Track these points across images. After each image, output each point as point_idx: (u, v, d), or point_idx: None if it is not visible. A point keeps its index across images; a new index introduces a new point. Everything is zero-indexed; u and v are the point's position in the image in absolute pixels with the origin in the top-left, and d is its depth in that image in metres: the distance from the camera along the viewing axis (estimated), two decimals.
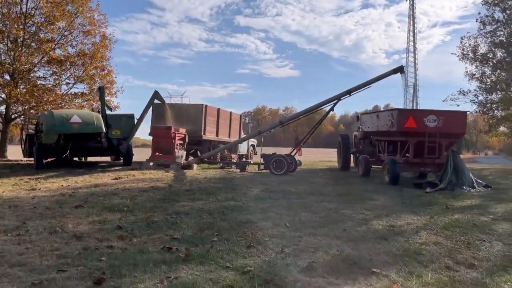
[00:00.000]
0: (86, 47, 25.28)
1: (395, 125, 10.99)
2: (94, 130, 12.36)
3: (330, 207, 7.03)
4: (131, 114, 14.47)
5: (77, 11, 24.53)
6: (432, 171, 11.48)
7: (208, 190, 8.59)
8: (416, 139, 10.98)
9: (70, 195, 7.70)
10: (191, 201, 7.30)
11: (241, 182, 10.10)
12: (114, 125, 13.87)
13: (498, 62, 30.27)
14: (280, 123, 13.66)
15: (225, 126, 18.62)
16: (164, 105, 15.41)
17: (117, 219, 5.89)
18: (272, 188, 9.10)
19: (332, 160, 28.04)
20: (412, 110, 11.76)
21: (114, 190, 8.36)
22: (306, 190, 9.03)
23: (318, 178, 11.91)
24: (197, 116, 16.32)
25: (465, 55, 31.36)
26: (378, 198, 8.20)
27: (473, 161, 39.37)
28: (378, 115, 12.42)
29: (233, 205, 7.05)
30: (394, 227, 5.80)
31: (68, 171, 11.97)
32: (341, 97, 13.26)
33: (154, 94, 14.76)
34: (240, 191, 8.61)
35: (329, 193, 8.70)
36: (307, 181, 10.91)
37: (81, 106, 25.36)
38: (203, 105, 16.49)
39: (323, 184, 10.37)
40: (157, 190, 8.46)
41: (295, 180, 11.18)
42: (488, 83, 31.43)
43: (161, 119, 16.25)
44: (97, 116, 12.78)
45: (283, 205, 7.16)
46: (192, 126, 15.94)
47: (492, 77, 31.32)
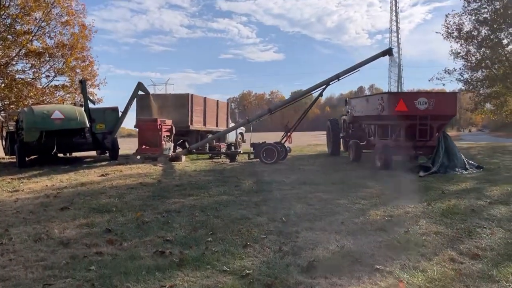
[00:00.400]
0: (65, 38, 24.57)
1: (385, 109, 10.87)
2: (77, 126, 11.97)
3: (325, 198, 6.89)
4: (115, 107, 14.07)
5: (54, 1, 23.76)
6: (424, 153, 11.43)
7: (199, 184, 8.38)
8: (408, 122, 10.89)
9: (55, 196, 7.41)
10: (182, 197, 7.08)
11: (232, 174, 9.90)
12: (98, 119, 13.46)
13: (483, 39, 30.36)
14: (269, 111, 13.43)
15: (212, 115, 18.32)
16: (149, 97, 15.03)
17: (106, 221, 5.65)
18: (264, 179, 8.92)
19: (320, 144, 28.02)
20: (402, 93, 11.65)
21: (101, 188, 8.09)
22: (299, 179, 8.88)
23: (309, 166, 11.77)
24: (183, 106, 15.97)
25: (450, 33, 31.39)
26: (372, 186, 8.08)
27: (459, 138, 39.84)
28: (367, 99, 12.29)
29: (226, 200, 6.86)
30: (392, 216, 5.68)
31: (52, 169, 11.60)
32: (330, 82, 13.05)
33: (137, 85, 14.37)
34: (232, 183, 8.42)
35: (322, 182, 8.56)
36: (299, 170, 10.76)
37: (62, 99, 24.74)
38: (189, 94, 16.14)
39: (315, 172, 10.23)
40: (146, 186, 8.21)
41: (287, 169, 11.02)
42: (473, 61, 31.58)
43: (146, 110, 15.86)
44: (80, 111, 12.37)
45: (277, 197, 7.00)
46: (178, 116, 15.60)
47: (476, 55, 31.46)
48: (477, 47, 31.03)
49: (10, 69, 23.23)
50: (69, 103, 21.98)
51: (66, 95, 25.66)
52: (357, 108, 13.22)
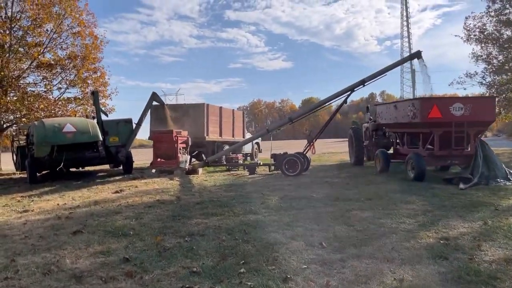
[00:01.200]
0: (77, 49, 24.46)
1: (417, 115, 10.18)
2: (90, 139, 11.52)
3: (365, 217, 6.23)
4: (129, 119, 13.63)
5: (65, 12, 23.68)
6: (460, 163, 10.69)
7: (221, 201, 7.78)
8: (442, 130, 10.18)
9: (66, 217, 6.88)
10: (204, 217, 6.49)
11: (255, 189, 9.29)
12: (111, 132, 13.02)
13: (505, 41, 29.47)
14: (290, 120, 12.83)
15: (228, 125, 17.80)
16: (163, 107, 14.57)
17: (123, 247, 5.08)
18: (291, 194, 8.29)
19: (335, 152, 27.31)
20: (436, 99, 10.95)
21: (116, 207, 7.55)
22: (329, 194, 8.23)
23: (335, 178, 11.10)
24: (198, 116, 15.49)
25: (470, 36, 30.56)
26: (412, 201, 7.40)
27: None
28: (396, 106, 11.60)
29: (254, 220, 6.24)
30: (448, 239, 5.00)
31: (64, 185, 11.15)
32: (355, 88, 12.43)
33: (152, 95, 13.92)
34: (257, 200, 7.80)
35: (356, 197, 7.89)
36: (326, 183, 10.10)
37: (74, 111, 24.53)
38: (204, 104, 15.65)
39: (345, 186, 9.56)
40: (165, 204, 7.65)
41: (312, 182, 10.38)
42: (496, 64, 30.68)
43: (160, 122, 15.42)
44: (92, 124, 11.94)
45: (310, 216, 6.36)
46: (194, 127, 15.12)
47: (499, 57, 30.55)
48: (499, 49, 30.16)
49: (22, 82, 23.12)
50: (81, 115, 21.70)
51: (78, 107, 25.49)
52: (384, 115, 12.53)
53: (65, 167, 11.85)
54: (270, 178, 11.55)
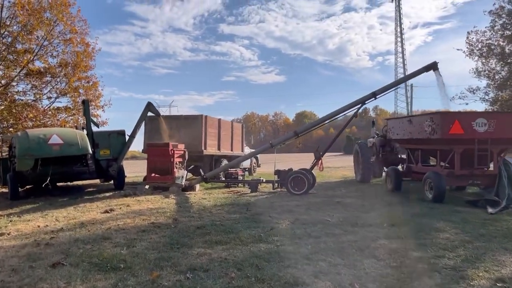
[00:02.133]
0: (68, 57, 23.71)
1: (437, 131, 9.45)
2: (78, 152, 10.64)
3: (395, 248, 5.40)
4: (122, 131, 12.77)
5: (57, 19, 22.98)
6: (482, 184, 9.94)
7: (224, 225, 6.92)
8: (463, 147, 9.45)
9: (47, 243, 5.98)
10: (208, 246, 5.62)
11: (261, 210, 8.44)
12: (102, 144, 12.15)
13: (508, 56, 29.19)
14: (295, 134, 12.05)
15: (227, 138, 16.99)
16: (159, 118, 13.76)
17: (111, 285, 4.22)
18: (303, 218, 7.45)
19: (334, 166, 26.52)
20: (457, 113, 10.25)
21: (105, 231, 6.66)
22: (345, 218, 7.40)
23: (347, 198, 10.29)
24: (196, 128, 14.67)
25: (474, 50, 30.26)
26: (443, 228, 6.59)
27: None
28: (411, 120, 10.88)
29: (265, 250, 5.39)
30: (505, 281, 4.19)
31: (48, 202, 10.24)
32: (366, 101, 11.73)
33: (147, 106, 13.11)
34: (265, 224, 6.96)
35: (376, 221, 7.08)
36: (338, 204, 9.28)
37: (65, 122, 23.65)
38: (202, 115, 14.85)
39: (360, 208, 8.74)
40: (160, 228, 6.77)
41: (323, 202, 9.55)
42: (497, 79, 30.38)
43: (155, 133, 14.59)
44: (82, 135, 11.07)
45: (331, 246, 5.52)
46: (191, 140, 14.30)
47: (502, 72, 30.24)
48: (503, 64, 29.87)
49: (10, 90, 22.28)
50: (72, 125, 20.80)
51: (69, 117, 24.62)
52: (396, 130, 11.81)
53: (51, 182, 10.95)
54: (274, 197, 10.70)
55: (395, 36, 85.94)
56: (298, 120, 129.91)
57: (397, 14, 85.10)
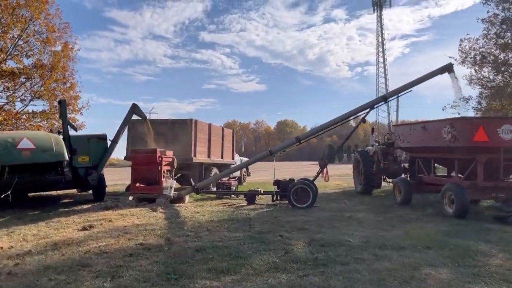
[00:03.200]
0: (45, 57, 22.38)
1: (459, 138, 8.60)
2: (53, 159, 9.41)
3: (445, 279, 4.43)
4: (103, 135, 11.55)
5: (33, 16, 21.71)
6: (507, 197, 9.10)
7: (228, 247, 5.84)
8: (487, 156, 8.62)
9: (9, 272, 4.81)
10: (213, 277, 4.54)
11: (267, 227, 7.38)
12: (81, 150, 10.91)
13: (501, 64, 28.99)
14: (298, 140, 11.04)
15: (218, 145, 15.91)
16: (145, 122, 12.60)
17: None
18: (318, 237, 6.42)
19: None
20: (481, 119, 9.51)
21: (83, 255, 5.51)
22: (368, 238, 6.40)
23: (357, 212, 9.33)
24: (185, 134, 13.56)
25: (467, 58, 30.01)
26: (488, 251, 5.66)
27: None
28: (425, 127, 10.03)
29: (286, 283, 4.34)
30: None
31: (16, 216, 8.97)
32: (375, 105, 10.88)
33: (132, 107, 11.93)
34: (277, 246, 5.91)
35: (406, 242, 6.11)
36: (351, 219, 8.29)
37: (40, 126, 22.25)
38: (192, 120, 13.74)
39: (378, 224, 7.78)
40: (151, 252, 5.65)
41: (333, 217, 8.56)
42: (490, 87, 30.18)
43: (139, 139, 13.40)
44: (57, 139, 9.84)
45: (367, 277, 4.50)
46: (179, 146, 13.17)
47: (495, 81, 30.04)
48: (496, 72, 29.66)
49: None
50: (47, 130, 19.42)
51: (44, 122, 23.23)
52: (406, 137, 10.95)
53: (20, 192, 9.67)
54: (276, 210, 9.66)
55: (377, 46, 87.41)
56: (279, 129, 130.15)
57: (378, 25, 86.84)
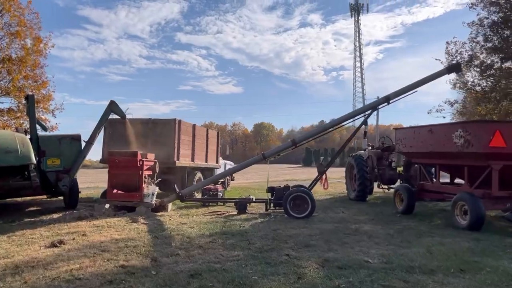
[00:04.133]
0: (13, 52, 21.00)
1: (473, 143, 7.94)
2: (17, 162, 8.31)
3: None
4: (76, 135, 10.45)
5: (2, 8, 20.42)
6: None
7: (227, 270, 4.94)
8: (502, 163, 7.98)
9: None
10: None
11: (267, 243, 6.49)
12: (51, 152, 9.81)
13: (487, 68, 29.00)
14: (294, 143, 10.20)
15: (202, 148, 14.94)
16: (125, 121, 11.53)
17: None
18: (330, 256, 5.58)
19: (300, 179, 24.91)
20: (499, 123, 8.87)
21: (50, 282, 4.51)
22: (388, 258, 5.59)
23: (361, 224, 8.54)
24: (167, 135, 12.56)
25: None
26: None
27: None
28: (431, 130, 9.36)
29: None
30: None
31: None
32: (378, 106, 10.19)
33: (109, 105, 10.86)
34: (285, 268, 5.03)
35: (434, 263, 5.33)
36: (358, 233, 7.50)
37: (5, 126, 20.78)
38: (175, 120, 12.76)
39: (390, 238, 7.00)
40: (136, 277, 4.69)
41: (337, 229, 7.75)
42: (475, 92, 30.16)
43: (117, 140, 12.35)
44: (23, 139, 8.72)
45: None
46: (161, 149, 12.16)
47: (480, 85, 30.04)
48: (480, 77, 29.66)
49: None
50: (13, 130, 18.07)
51: (12, 121, 21.78)
52: (410, 141, 10.26)
53: None
54: (272, 221, 8.78)
55: (354, 51, 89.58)
56: (256, 131, 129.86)
57: (355, 30, 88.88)
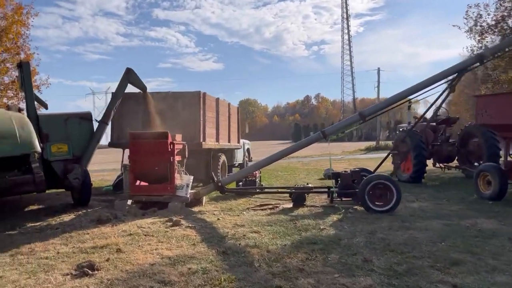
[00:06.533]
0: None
1: None
2: (16, 151, 6.28)
3: None
4: (87, 113, 8.40)
5: None
6: None
7: None
8: None
9: None
10: None
11: (390, 259, 4.63)
12: (56, 135, 7.76)
13: None
14: (362, 117, 8.28)
15: (225, 126, 12.93)
16: (145, 95, 9.45)
17: None
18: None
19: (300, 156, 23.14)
20: None
21: None
22: None
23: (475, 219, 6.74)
24: (192, 112, 10.53)
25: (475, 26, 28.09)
26: None
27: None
28: None
29: None
30: None
31: None
32: (469, 66, 8.26)
33: (126, 73, 8.79)
34: None
35: None
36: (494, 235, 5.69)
37: None
38: (200, 92, 10.71)
39: None
40: None
41: (454, 231, 5.95)
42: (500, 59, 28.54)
43: (131, 119, 10.31)
44: (21, 121, 6.65)
45: None
46: (184, 128, 10.15)
47: None
48: None
49: None
50: None
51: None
52: (500, 111, 8.44)
53: None
54: (351, 218, 6.93)
55: (342, 21, 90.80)
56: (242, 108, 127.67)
57: (343, 0, 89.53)
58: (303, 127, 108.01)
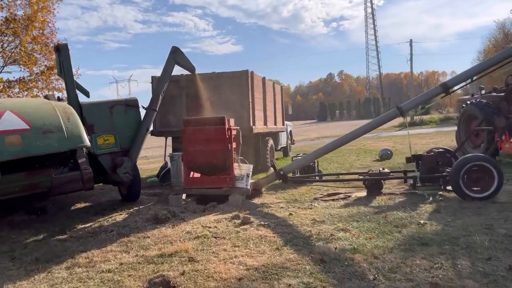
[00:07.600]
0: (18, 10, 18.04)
1: None
2: (63, 146, 5.58)
3: None
4: (133, 100, 7.65)
5: None
6: None
7: None
8: None
9: None
10: None
11: None
12: (101, 126, 7.05)
13: None
14: (444, 90, 7.21)
15: (271, 108, 12.06)
16: (194, 76, 8.65)
17: None
18: None
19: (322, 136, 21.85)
20: None
21: None
22: None
23: None
24: (240, 93, 9.69)
25: None
26: None
27: None
28: None
29: None
30: None
31: (12, 240, 5.23)
32: None
33: (172, 53, 7.97)
34: None
35: None
36: None
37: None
38: (248, 71, 9.83)
39: None
40: None
41: None
42: None
43: (176, 104, 9.56)
44: (66, 111, 5.92)
45: None
46: (232, 112, 9.32)
47: None
48: None
49: None
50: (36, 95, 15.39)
51: (24, 92, 19.09)
52: None
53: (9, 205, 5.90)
54: (450, 209, 5.98)
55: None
56: None
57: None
58: (329, 106, 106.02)
